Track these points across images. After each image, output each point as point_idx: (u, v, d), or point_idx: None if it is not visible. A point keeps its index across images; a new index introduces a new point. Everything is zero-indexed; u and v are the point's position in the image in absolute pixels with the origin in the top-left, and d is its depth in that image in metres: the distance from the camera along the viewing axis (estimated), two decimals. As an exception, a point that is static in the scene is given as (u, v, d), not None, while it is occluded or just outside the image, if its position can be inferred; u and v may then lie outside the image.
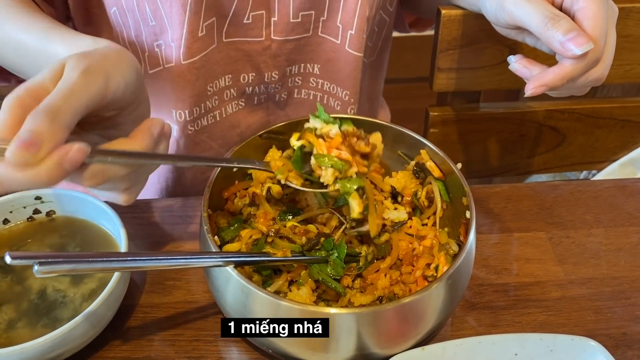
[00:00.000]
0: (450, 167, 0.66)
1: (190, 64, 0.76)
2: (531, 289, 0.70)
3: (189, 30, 0.73)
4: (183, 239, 0.74)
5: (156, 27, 0.74)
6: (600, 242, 0.76)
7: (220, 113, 0.84)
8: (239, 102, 0.85)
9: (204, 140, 0.86)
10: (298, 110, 0.89)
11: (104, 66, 0.49)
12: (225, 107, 0.85)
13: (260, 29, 0.78)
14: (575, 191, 0.82)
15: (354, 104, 0.87)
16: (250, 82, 0.83)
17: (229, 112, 0.85)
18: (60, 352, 0.56)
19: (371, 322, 0.54)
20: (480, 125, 0.99)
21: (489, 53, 0.89)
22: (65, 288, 0.62)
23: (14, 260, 0.43)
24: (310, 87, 0.87)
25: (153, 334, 0.64)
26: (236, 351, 0.63)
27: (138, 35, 0.76)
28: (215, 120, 0.85)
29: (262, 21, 0.78)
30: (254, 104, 0.86)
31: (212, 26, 0.75)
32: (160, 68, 0.78)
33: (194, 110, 0.81)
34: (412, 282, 0.63)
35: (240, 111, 0.86)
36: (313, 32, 0.81)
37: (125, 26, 0.76)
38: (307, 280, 0.61)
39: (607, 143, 1.04)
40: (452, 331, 0.66)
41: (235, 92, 0.83)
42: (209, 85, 0.80)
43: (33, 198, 0.68)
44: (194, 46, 0.75)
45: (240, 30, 0.78)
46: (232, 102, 0.85)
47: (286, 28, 0.79)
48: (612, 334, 0.65)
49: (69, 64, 0.47)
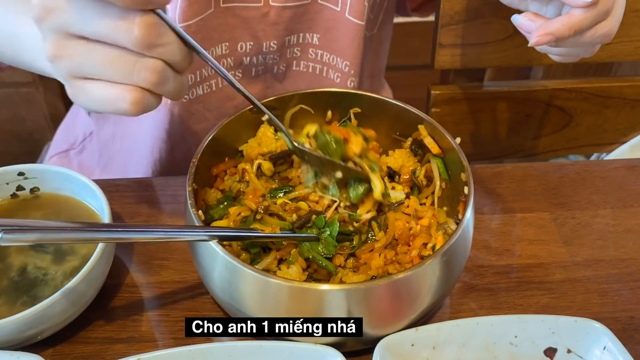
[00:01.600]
0: (450, 143, 0.63)
1: (184, 27, 0.73)
2: (534, 270, 0.67)
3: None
4: (172, 218, 0.71)
5: None
6: (608, 223, 0.72)
7: (216, 82, 0.82)
8: (236, 72, 0.82)
9: (198, 110, 0.83)
10: (297, 84, 0.86)
11: None
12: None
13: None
14: (582, 171, 0.79)
15: (354, 75, 0.84)
16: (247, 51, 0.80)
17: (224, 83, 0.82)
18: (38, 330, 0.54)
19: (362, 300, 0.51)
20: (484, 105, 0.96)
21: (493, 28, 0.86)
22: (46, 266, 0.60)
23: (-23, 227, 0.41)
24: (310, 59, 0.84)
25: (138, 314, 0.62)
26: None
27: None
28: (210, 90, 0.82)
29: None
30: (252, 75, 0.84)
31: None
32: None
33: (189, 78, 0.78)
34: (408, 262, 0.60)
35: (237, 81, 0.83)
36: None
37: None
38: (297, 259, 0.59)
39: (616, 124, 1.00)
40: (451, 313, 0.63)
41: (233, 61, 0.81)
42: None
43: (16, 174, 0.66)
44: (189, 9, 0.72)
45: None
46: (229, 72, 0.82)
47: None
48: (618, 317, 0.62)
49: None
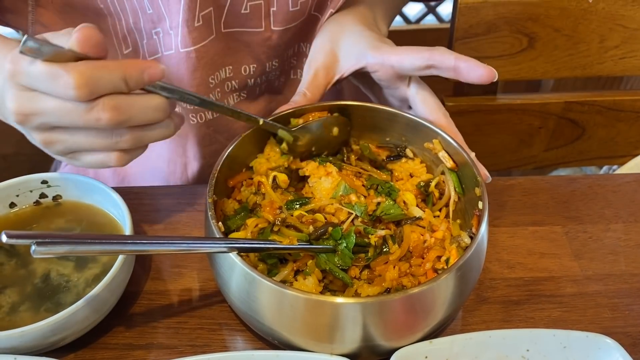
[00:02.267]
0: (464, 157, 0.64)
1: (187, 53, 0.74)
2: (545, 284, 0.68)
3: (184, 19, 0.71)
4: (190, 226, 0.73)
5: (154, 15, 0.73)
6: (619, 237, 0.73)
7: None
8: (240, 94, 0.83)
9: (209, 134, 0.85)
10: (294, 90, 0.87)
11: None
12: (227, 99, 0.83)
13: (259, 19, 0.77)
14: (594, 185, 0.80)
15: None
16: (251, 73, 0.82)
17: (231, 104, 0.84)
18: (61, 337, 0.56)
19: (377, 313, 0.52)
20: (497, 117, 0.97)
21: (507, 42, 0.87)
22: (69, 273, 0.62)
23: (11, 239, 0.42)
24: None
25: (157, 321, 0.63)
26: (241, 340, 0.62)
27: (136, 22, 0.74)
28: (220, 114, 0.84)
29: (260, 11, 0.76)
30: (256, 94, 0.86)
31: (209, 16, 0.74)
32: (159, 55, 0.77)
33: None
34: (422, 275, 0.61)
35: (242, 102, 0.85)
36: (307, 13, 0.80)
37: (124, 14, 0.74)
38: (314, 270, 0.60)
39: (628, 137, 1.00)
40: (463, 325, 0.64)
41: (237, 84, 0.82)
42: (210, 77, 0.79)
43: (40, 182, 0.67)
44: (190, 36, 0.73)
45: (239, 21, 0.77)
46: (234, 94, 0.84)
47: (285, 18, 0.77)
48: (629, 332, 0.63)
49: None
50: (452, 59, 0.63)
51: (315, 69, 0.71)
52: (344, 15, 0.76)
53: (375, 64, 0.68)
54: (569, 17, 0.86)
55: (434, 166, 0.70)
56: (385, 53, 0.67)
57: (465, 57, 0.63)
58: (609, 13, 0.86)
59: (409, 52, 0.66)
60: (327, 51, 0.72)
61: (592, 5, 0.85)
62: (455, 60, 0.63)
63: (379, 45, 0.69)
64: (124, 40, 0.76)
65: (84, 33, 0.48)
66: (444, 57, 0.64)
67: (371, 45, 0.69)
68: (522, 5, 0.84)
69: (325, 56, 0.72)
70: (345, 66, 0.71)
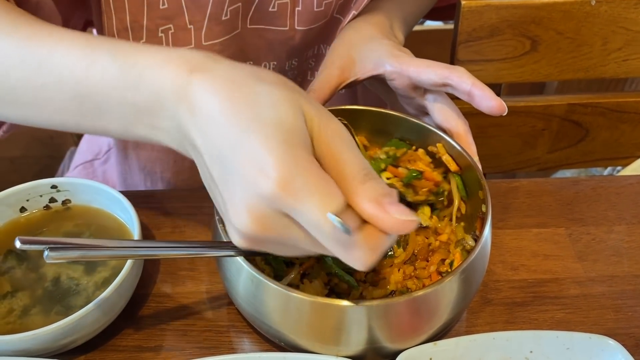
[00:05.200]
0: (467, 160, 0.65)
1: (209, 46, 0.75)
2: (549, 285, 0.68)
3: (212, 12, 0.72)
4: (197, 230, 0.74)
5: (168, 10, 0.71)
6: (622, 239, 0.74)
7: None
8: None
9: None
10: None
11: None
12: None
13: (285, 17, 0.78)
14: (598, 187, 0.80)
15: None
16: (271, 70, 0.83)
17: None
18: (72, 339, 0.57)
19: (383, 316, 0.53)
20: (500, 119, 0.97)
21: (510, 45, 0.88)
22: (78, 276, 0.63)
23: (24, 245, 0.43)
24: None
25: (165, 323, 0.64)
26: (248, 342, 0.63)
27: (136, 21, 0.71)
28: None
29: (286, 10, 0.77)
30: None
31: (237, 11, 0.74)
32: None
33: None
34: (426, 277, 0.62)
35: None
36: (330, 15, 0.80)
37: (119, 12, 0.70)
38: (320, 273, 0.61)
39: (632, 138, 1.01)
40: (467, 327, 0.65)
41: None
42: None
43: (49, 187, 0.68)
44: (216, 28, 0.73)
45: (266, 18, 0.77)
46: None
47: (309, 18, 0.78)
48: (633, 333, 0.64)
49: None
50: (469, 84, 0.64)
51: (329, 69, 0.71)
52: (362, 23, 0.76)
53: (393, 72, 0.68)
54: (572, 19, 0.87)
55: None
56: (403, 63, 0.67)
57: (481, 85, 0.64)
58: (612, 15, 0.87)
59: (428, 66, 0.66)
60: (343, 54, 0.73)
61: (594, 8, 0.86)
62: (472, 86, 0.64)
63: (398, 55, 0.69)
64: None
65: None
66: (461, 80, 0.64)
67: (390, 54, 0.69)
68: (525, 9, 0.85)
69: (341, 58, 0.72)
70: (362, 70, 0.71)
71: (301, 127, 0.39)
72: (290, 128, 0.38)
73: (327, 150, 0.40)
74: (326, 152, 0.40)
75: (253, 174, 0.38)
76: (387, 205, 0.39)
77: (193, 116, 0.41)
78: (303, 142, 0.39)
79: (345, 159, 0.40)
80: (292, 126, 0.39)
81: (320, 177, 0.38)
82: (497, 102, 0.64)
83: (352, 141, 0.42)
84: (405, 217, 0.39)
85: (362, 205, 0.39)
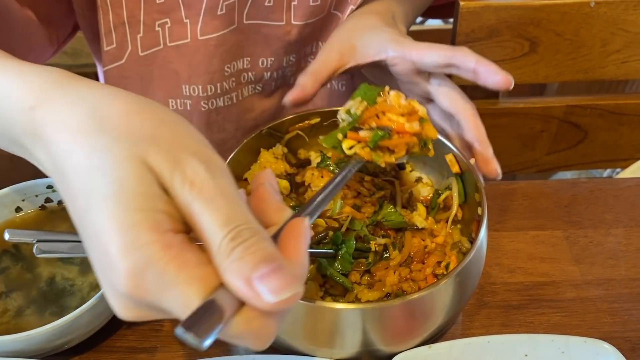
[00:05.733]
0: (465, 163, 0.65)
1: (205, 41, 0.75)
2: (545, 288, 0.68)
3: (207, 7, 0.72)
4: (193, 231, 0.74)
5: (165, 5, 0.72)
6: (620, 242, 0.73)
7: (237, 95, 0.84)
8: (256, 86, 0.84)
9: (218, 121, 0.85)
10: None
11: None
12: (242, 90, 0.84)
13: (281, 12, 0.78)
14: (595, 189, 0.80)
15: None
16: (268, 66, 0.82)
17: (244, 95, 0.84)
18: (66, 340, 0.57)
19: (377, 318, 0.53)
20: (499, 121, 0.97)
21: (509, 46, 0.87)
22: (73, 277, 0.62)
23: (13, 237, 0.43)
24: None
25: (160, 324, 0.64)
26: (243, 344, 0.63)
27: (133, 16, 0.72)
28: (231, 102, 0.84)
29: (282, 4, 0.77)
30: (272, 89, 0.86)
31: (232, 6, 0.74)
32: (159, 47, 0.76)
33: (209, 88, 0.80)
34: (422, 280, 0.62)
35: (255, 95, 0.86)
36: (327, 11, 0.80)
37: (116, 7, 0.71)
38: (315, 275, 0.60)
39: (631, 140, 1.01)
40: (463, 330, 0.64)
41: (254, 76, 0.83)
42: (227, 65, 0.79)
43: (45, 187, 0.68)
44: (211, 23, 0.74)
45: (261, 13, 0.77)
46: (249, 86, 0.84)
47: (306, 12, 0.78)
48: (628, 337, 0.63)
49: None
50: (474, 61, 0.63)
51: (328, 53, 0.70)
52: (363, 13, 0.76)
53: (395, 57, 0.67)
54: (571, 21, 0.86)
55: (435, 172, 0.70)
56: (406, 47, 0.67)
57: (486, 62, 0.63)
58: (611, 17, 0.86)
59: (431, 48, 0.66)
60: (343, 39, 0.72)
61: (594, 10, 0.86)
62: (476, 63, 0.63)
63: (400, 40, 0.68)
64: (107, 36, 0.73)
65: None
66: (466, 59, 0.64)
67: (392, 39, 0.69)
68: (524, 10, 0.85)
69: (341, 43, 0.71)
70: (363, 56, 0.70)
71: (146, 191, 0.34)
72: (132, 197, 0.33)
73: (185, 209, 0.34)
74: (185, 212, 0.34)
75: (104, 267, 0.34)
76: (257, 284, 0.32)
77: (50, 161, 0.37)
78: (152, 217, 0.33)
79: (203, 223, 0.33)
80: (134, 194, 0.33)
81: (176, 264, 0.32)
82: (503, 75, 0.62)
83: (217, 184, 0.34)
84: (280, 297, 0.32)
85: (231, 284, 0.33)
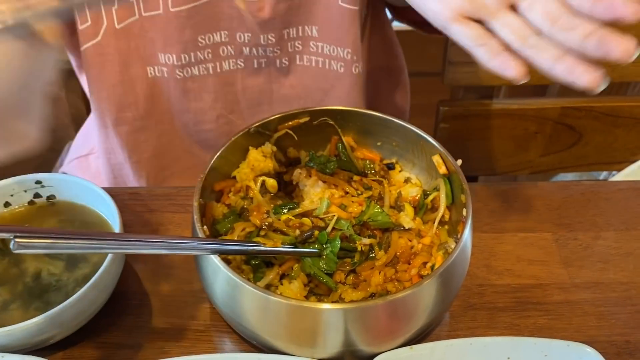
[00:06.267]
0: (452, 165, 0.64)
1: (177, 12, 0.77)
2: (533, 291, 0.68)
3: None
4: (181, 228, 0.74)
5: None
6: (609, 245, 0.73)
7: (214, 67, 0.85)
8: (237, 61, 0.84)
9: (194, 89, 0.86)
10: (302, 79, 0.88)
11: None
12: (221, 63, 0.84)
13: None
14: (587, 192, 0.79)
15: (358, 61, 0.86)
16: (246, 42, 0.83)
17: (225, 69, 0.85)
18: (50, 335, 0.57)
19: (359, 318, 0.53)
20: (493, 122, 0.97)
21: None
22: (59, 272, 0.63)
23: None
24: (312, 53, 0.86)
25: (145, 321, 0.64)
26: (228, 342, 0.63)
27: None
28: (207, 73, 0.85)
29: None
30: (254, 67, 0.86)
31: None
32: (134, 18, 0.78)
33: (182, 57, 0.82)
34: (407, 280, 0.62)
35: (238, 71, 0.86)
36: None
37: None
38: (299, 274, 0.60)
39: (626, 142, 1.00)
40: (448, 331, 0.64)
41: (233, 50, 0.83)
42: (200, 36, 0.81)
43: (34, 182, 0.68)
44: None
45: None
46: (230, 60, 0.85)
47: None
48: (614, 340, 0.63)
49: None
50: None
51: None
52: None
53: None
54: (566, 23, 0.86)
55: (424, 173, 0.70)
56: None
57: None
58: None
59: None
60: None
61: (589, 11, 0.85)
62: None
63: None
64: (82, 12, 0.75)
65: None
66: None
67: None
68: (519, 11, 0.84)
69: None
70: None
71: None
72: None
73: None
74: None
75: None
76: None
77: None
78: None
79: None
80: None
81: None
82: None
83: None
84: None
85: None
